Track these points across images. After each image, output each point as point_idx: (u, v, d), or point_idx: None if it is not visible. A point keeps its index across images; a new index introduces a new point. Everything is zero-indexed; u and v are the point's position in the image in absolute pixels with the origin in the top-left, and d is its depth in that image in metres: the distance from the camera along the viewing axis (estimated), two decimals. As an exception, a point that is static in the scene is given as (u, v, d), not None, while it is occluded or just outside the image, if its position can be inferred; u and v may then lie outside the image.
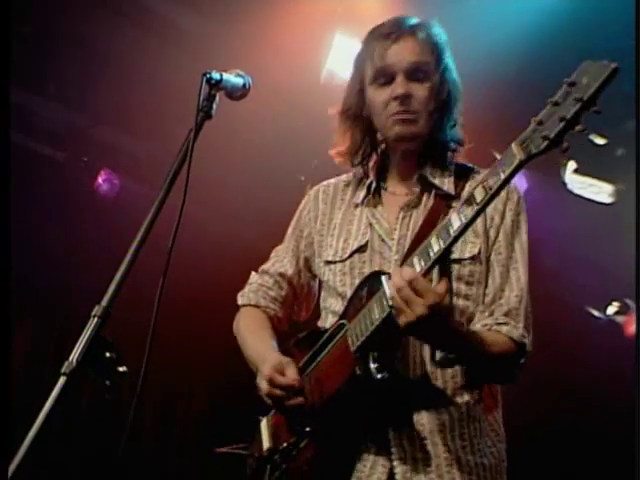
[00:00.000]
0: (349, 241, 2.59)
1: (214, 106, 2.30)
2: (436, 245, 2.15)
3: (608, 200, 5.78)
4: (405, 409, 2.38)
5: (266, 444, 2.55)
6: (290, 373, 2.43)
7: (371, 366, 2.27)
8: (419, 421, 2.38)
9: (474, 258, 2.44)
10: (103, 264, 2.77)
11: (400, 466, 2.35)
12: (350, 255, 2.56)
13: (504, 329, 2.38)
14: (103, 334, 1.91)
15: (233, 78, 2.38)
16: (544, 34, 4.81)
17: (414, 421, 2.37)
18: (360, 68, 2.61)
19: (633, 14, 3.03)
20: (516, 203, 2.52)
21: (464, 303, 2.45)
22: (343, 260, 2.57)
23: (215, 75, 2.31)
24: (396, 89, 2.50)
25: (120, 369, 1.89)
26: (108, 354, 1.89)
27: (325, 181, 2.82)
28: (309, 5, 5.23)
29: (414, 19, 2.60)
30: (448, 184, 2.55)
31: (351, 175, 2.76)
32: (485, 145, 2.68)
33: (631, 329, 6.61)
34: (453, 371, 2.41)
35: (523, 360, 2.39)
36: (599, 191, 5.74)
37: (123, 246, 2.06)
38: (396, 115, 2.51)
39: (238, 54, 5.04)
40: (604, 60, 1.91)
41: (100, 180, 6.64)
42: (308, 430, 2.42)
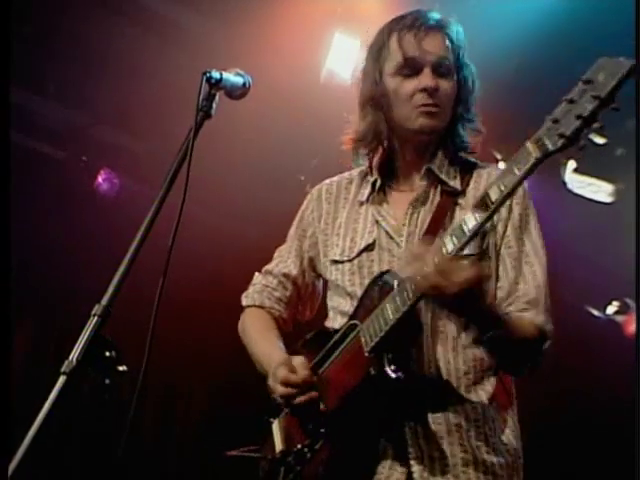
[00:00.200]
0: (356, 240, 2.57)
1: (214, 105, 2.29)
2: (450, 244, 2.14)
3: (607, 199, 5.78)
4: (421, 409, 2.37)
5: (279, 446, 2.53)
6: (302, 370, 2.43)
7: (386, 366, 2.27)
8: (435, 420, 2.37)
9: (482, 253, 2.44)
10: (103, 263, 2.77)
11: (417, 465, 2.34)
12: (358, 254, 2.55)
13: (527, 315, 2.37)
14: (103, 333, 1.91)
15: (233, 77, 2.37)
16: (543, 34, 4.81)
17: (430, 421, 2.37)
18: (379, 59, 2.57)
19: (633, 14, 3.03)
20: (522, 197, 2.51)
21: None
22: (351, 259, 2.56)
23: (215, 74, 2.30)
24: (424, 81, 2.48)
25: (120, 368, 1.89)
26: (108, 353, 1.89)
27: (327, 179, 2.80)
28: (309, 4, 5.23)
29: (437, 14, 2.58)
30: (454, 179, 2.54)
31: (354, 172, 2.74)
32: (484, 144, 2.68)
33: (631, 328, 6.61)
34: (466, 368, 2.41)
35: (546, 346, 2.37)
36: (598, 190, 5.74)
37: (123, 245, 2.06)
38: (422, 107, 2.48)
39: (238, 53, 5.04)
40: (620, 57, 1.90)
41: (100, 179, 6.64)
42: (323, 431, 2.41)
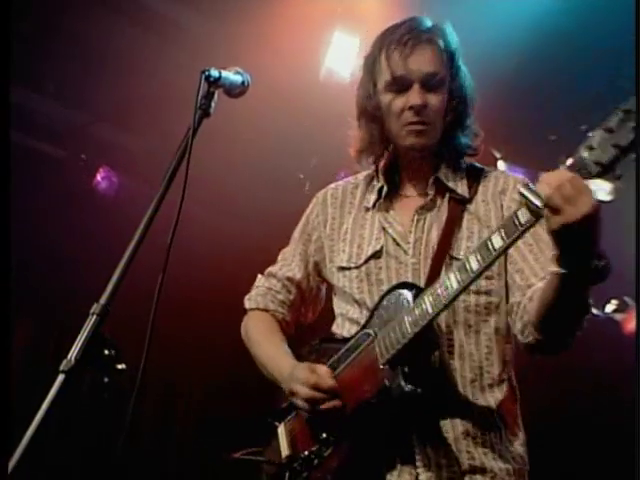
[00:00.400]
0: (363, 246, 2.57)
1: (213, 104, 2.29)
2: (475, 263, 2.15)
3: (606, 198, 5.77)
4: (428, 416, 2.37)
5: (285, 451, 2.53)
6: (329, 378, 2.42)
7: (401, 380, 2.27)
8: (443, 428, 2.38)
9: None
10: (102, 262, 2.76)
11: (425, 473, 2.35)
12: (365, 261, 2.54)
13: None
14: (102, 332, 1.91)
15: (232, 76, 2.37)
16: (543, 33, 4.80)
17: (438, 428, 2.37)
18: (372, 72, 2.57)
19: (633, 13, 3.02)
20: None
21: (486, 299, 2.45)
22: (358, 266, 2.55)
23: (214, 72, 2.30)
24: (412, 99, 2.47)
25: (119, 367, 1.88)
26: (107, 352, 1.89)
27: (333, 184, 2.80)
28: (308, 3, 5.23)
29: (428, 22, 2.56)
30: (462, 187, 2.54)
31: (359, 177, 2.74)
32: (484, 143, 2.68)
33: (630, 326, 6.61)
34: (473, 375, 2.42)
35: (586, 322, 2.29)
36: (597, 189, 5.73)
37: (122, 244, 2.06)
38: (410, 125, 2.49)
39: (237, 52, 5.03)
40: None
41: (99, 178, 6.65)
42: (332, 439, 2.41)
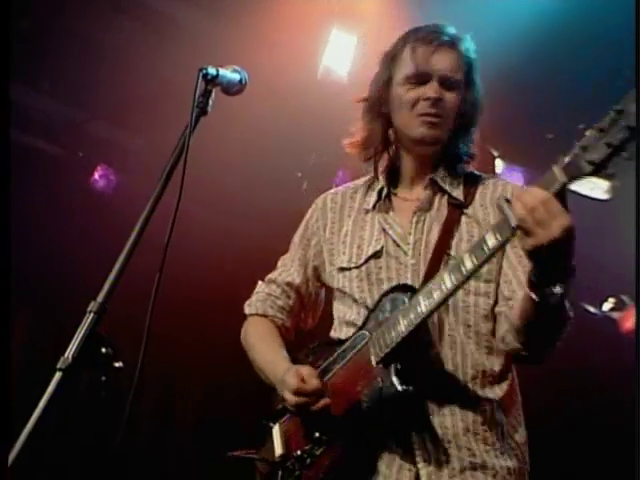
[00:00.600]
0: (363, 247, 2.60)
1: (210, 102, 2.29)
2: (469, 263, 2.18)
3: (604, 196, 5.78)
4: (428, 413, 2.38)
5: (279, 450, 2.55)
6: (312, 379, 2.43)
7: (393, 378, 2.29)
8: (442, 424, 2.38)
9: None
10: (99, 260, 2.76)
11: (425, 468, 2.36)
12: (366, 261, 2.57)
13: None
14: (99, 330, 1.91)
15: (229, 74, 2.37)
16: (541, 32, 4.80)
17: (437, 424, 2.38)
18: (391, 66, 2.63)
19: (633, 13, 3.03)
20: None
21: (485, 300, 2.47)
22: (358, 266, 2.58)
23: (211, 70, 2.30)
24: (429, 91, 2.53)
25: (116, 365, 1.88)
26: (104, 350, 1.88)
27: (332, 189, 2.84)
28: (306, 1, 5.23)
29: (452, 29, 2.63)
30: (457, 191, 2.58)
31: (358, 182, 2.78)
32: (482, 142, 2.69)
33: (627, 325, 6.62)
34: (474, 372, 2.43)
35: (566, 331, 2.28)
36: (595, 187, 5.74)
37: (119, 242, 2.06)
38: (425, 116, 2.54)
39: (235, 50, 5.02)
40: None
41: (96, 176, 6.64)
42: (325, 438, 2.43)
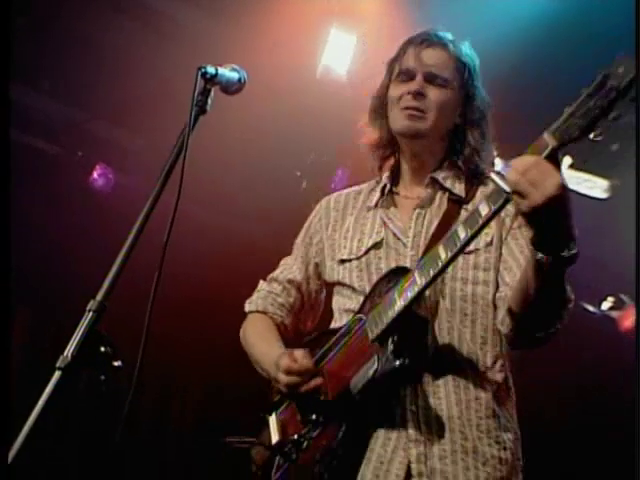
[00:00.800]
0: (363, 240, 2.64)
1: (209, 101, 2.29)
2: (462, 232, 2.23)
3: (603, 195, 5.78)
4: (423, 394, 2.41)
5: (275, 437, 2.58)
6: (304, 359, 2.47)
7: (389, 354, 2.32)
8: (438, 406, 2.41)
9: (488, 245, 2.52)
10: (99, 259, 2.77)
11: (416, 448, 2.38)
12: (366, 252, 2.61)
13: None
14: (98, 329, 1.91)
15: (228, 72, 2.37)
16: (540, 32, 4.81)
17: (432, 406, 2.41)
18: (389, 70, 2.73)
19: (633, 13, 3.03)
20: None
21: (483, 289, 2.50)
22: (359, 257, 2.62)
23: (210, 69, 2.30)
24: (412, 85, 2.62)
25: (115, 363, 1.88)
26: (103, 348, 1.88)
27: (336, 192, 2.89)
28: (305, 0, 5.23)
29: (449, 34, 2.70)
30: (459, 187, 2.62)
31: (362, 186, 2.84)
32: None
33: (626, 324, 6.62)
34: (469, 361, 2.45)
35: (565, 315, 2.31)
36: (594, 186, 5.74)
37: (118, 241, 2.06)
38: (406, 110, 2.61)
39: (234, 49, 5.03)
40: None
41: (96, 175, 6.64)
42: (321, 420, 2.45)
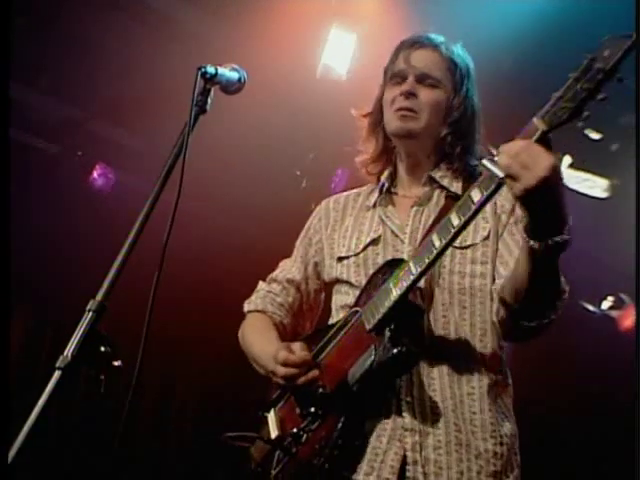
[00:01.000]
0: (362, 238, 2.67)
1: (209, 100, 2.29)
2: (456, 220, 2.23)
3: (602, 195, 5.79)
4: (420, 384, 2.42)
5: (274, 433, 2.59)
6: (301, 351, 2.48)
7: (387, 342, 2.32)
8: (433, 397, 2.42)
9: (485, 239, 2.53)
10: (98, 258, 2.76)
11: (411, 437, 2.39)
12: (364, 248, 2.63)
13: None
14: (98, 328, 1.91)
15: (228, 72, 2.37)
16: (540, 32, 4.82)
17: (428, 397, 2.42)
18: (385, 75, 2.75)
19: (633, 13, 3.03)
20: None
21: (481, 281, 2.52)
22: (357, 254, 2.64)
23: (210, 69, 2.30)
24: (404, 86, 2.65)
25: (115, 363, 1.88)
26: (103, 348, 1.88)
27: (335, 195, 2.91)
28: (305, 0, 5.23)
29: (442, 37, 2.72)
30: (456, 185, 2.63)
31: (362, 188, 2.85)
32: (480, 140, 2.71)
33: (626, 323, 6.62)
34: (466, 353, 2.46)
35: (560, 306, 2.30)
36: (594, 186, 5.75)
37: (118, 240, 2.06)
38: (399, 111, 2.63)
39: (234, 49, 5.03)
40: (625, 33, 1.98)
41: (95, 175, 6.64)
42: (320, 412, 2.45)
